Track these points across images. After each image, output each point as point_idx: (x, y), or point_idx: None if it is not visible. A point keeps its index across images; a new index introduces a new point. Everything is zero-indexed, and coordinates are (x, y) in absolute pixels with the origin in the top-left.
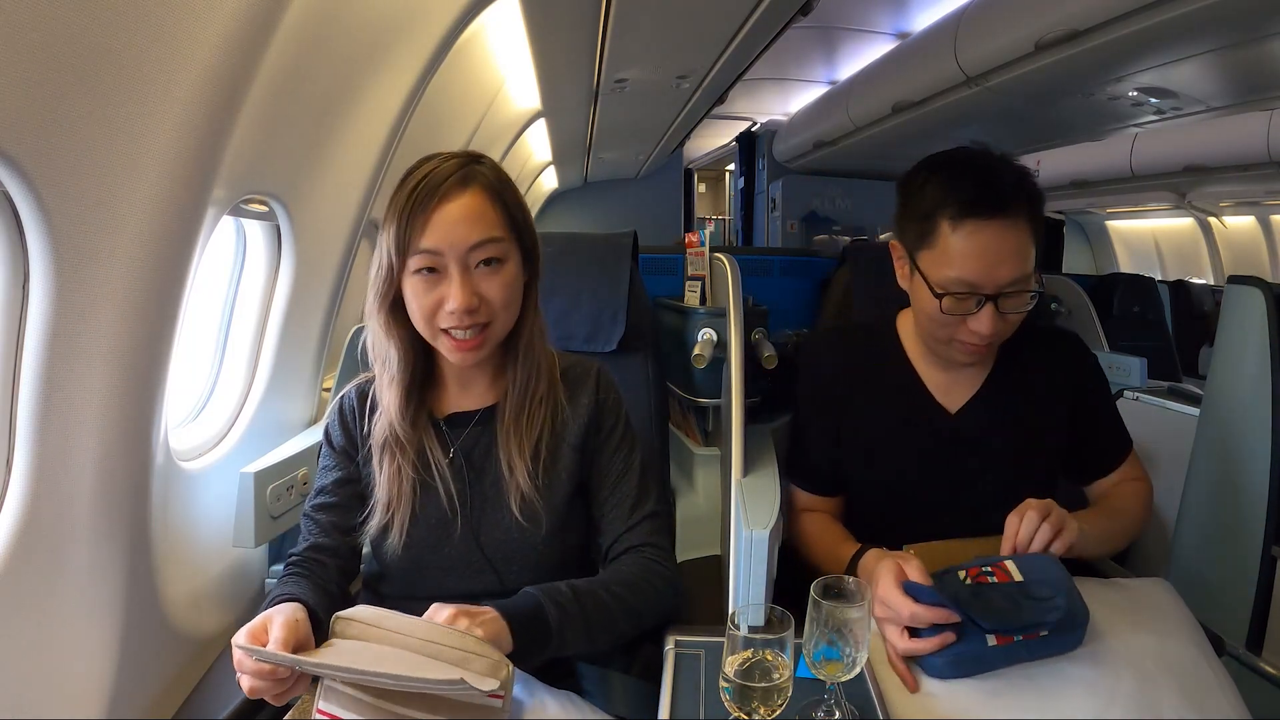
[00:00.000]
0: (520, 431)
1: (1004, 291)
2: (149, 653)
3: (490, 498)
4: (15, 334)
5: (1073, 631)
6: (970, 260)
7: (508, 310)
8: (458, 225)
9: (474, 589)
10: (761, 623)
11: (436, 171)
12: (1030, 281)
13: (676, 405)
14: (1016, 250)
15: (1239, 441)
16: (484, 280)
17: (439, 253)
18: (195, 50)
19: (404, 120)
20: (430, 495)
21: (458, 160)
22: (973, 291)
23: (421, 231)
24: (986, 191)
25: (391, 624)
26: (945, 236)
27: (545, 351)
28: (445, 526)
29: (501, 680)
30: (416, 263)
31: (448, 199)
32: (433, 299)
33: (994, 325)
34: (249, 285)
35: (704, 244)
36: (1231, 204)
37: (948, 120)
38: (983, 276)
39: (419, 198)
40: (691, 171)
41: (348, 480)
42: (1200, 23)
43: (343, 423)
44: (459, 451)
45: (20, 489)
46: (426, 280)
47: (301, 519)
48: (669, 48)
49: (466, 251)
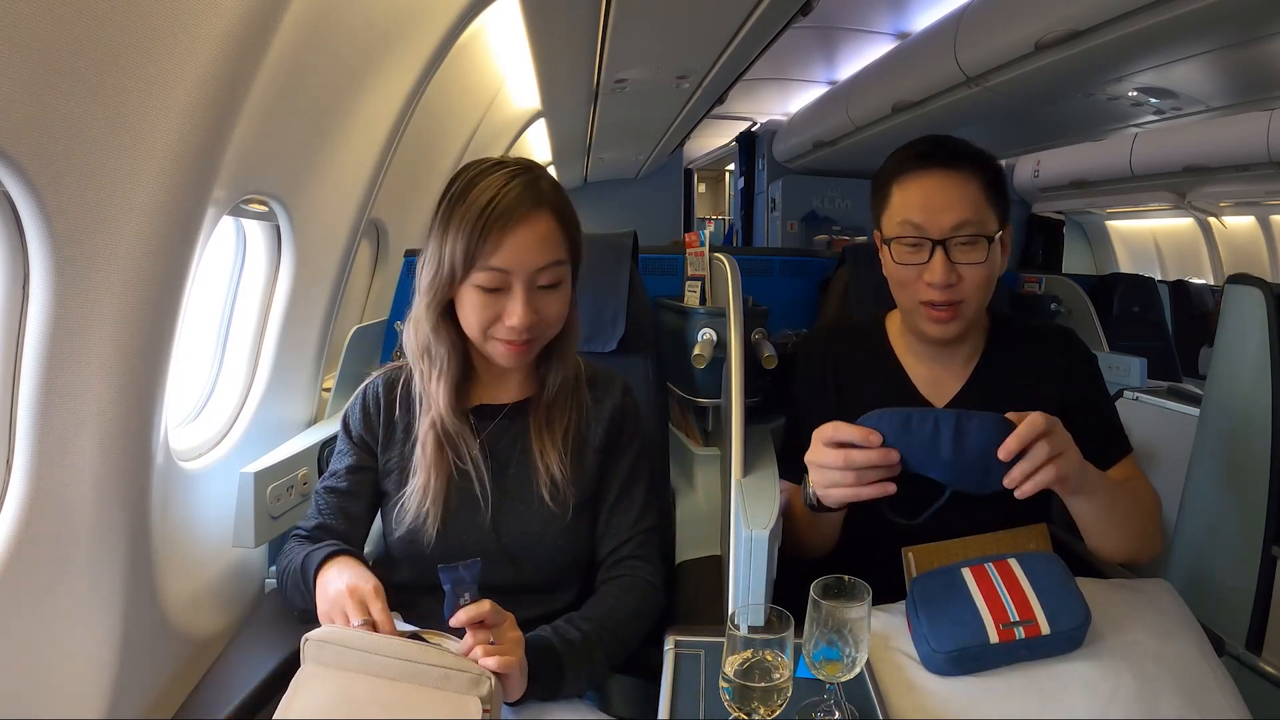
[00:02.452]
0: (553, 422)
1: (952, 238)
2: (149, 653)
3: (511, 491)
4: (15, 334)
5: (1071, 630)
6: (913, 205)
7: (559, 324)
8: (530, 248)
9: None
10: (761, 623)
11: (508, 190)
12: (984, 230)
13: (676, 405)
14: (961, 198)
15: (1239, 441)
16: (543, 300)
17: (507, 271)
18: (195, 50)
19: (404, 120)
20: (463, 483)
21: (524, 178)
22: (920, 236)
23: (495, 251)
24: (930, 148)
25: (367, 644)
26: (895, 194)
27: (574, 352)
28: (472, 515)
29: (483, 696)
30: (482, 279)
31: (523, 222)
32: (492, 313)
33: (946, 274)
34: (249, 285)
35: (704, 244)
36: (1231, 204)
37: (948, 120)
38: (926, 219)
39: (494, 217)
40: (691, 171)
41: (360, 468)
42: (1200, 23)
43: (364, 411)
44: (484, 443)
45: (20, 489)
46: (488, 294)
47: (314, 495)
48: (669, 48)
49: (533, 273)
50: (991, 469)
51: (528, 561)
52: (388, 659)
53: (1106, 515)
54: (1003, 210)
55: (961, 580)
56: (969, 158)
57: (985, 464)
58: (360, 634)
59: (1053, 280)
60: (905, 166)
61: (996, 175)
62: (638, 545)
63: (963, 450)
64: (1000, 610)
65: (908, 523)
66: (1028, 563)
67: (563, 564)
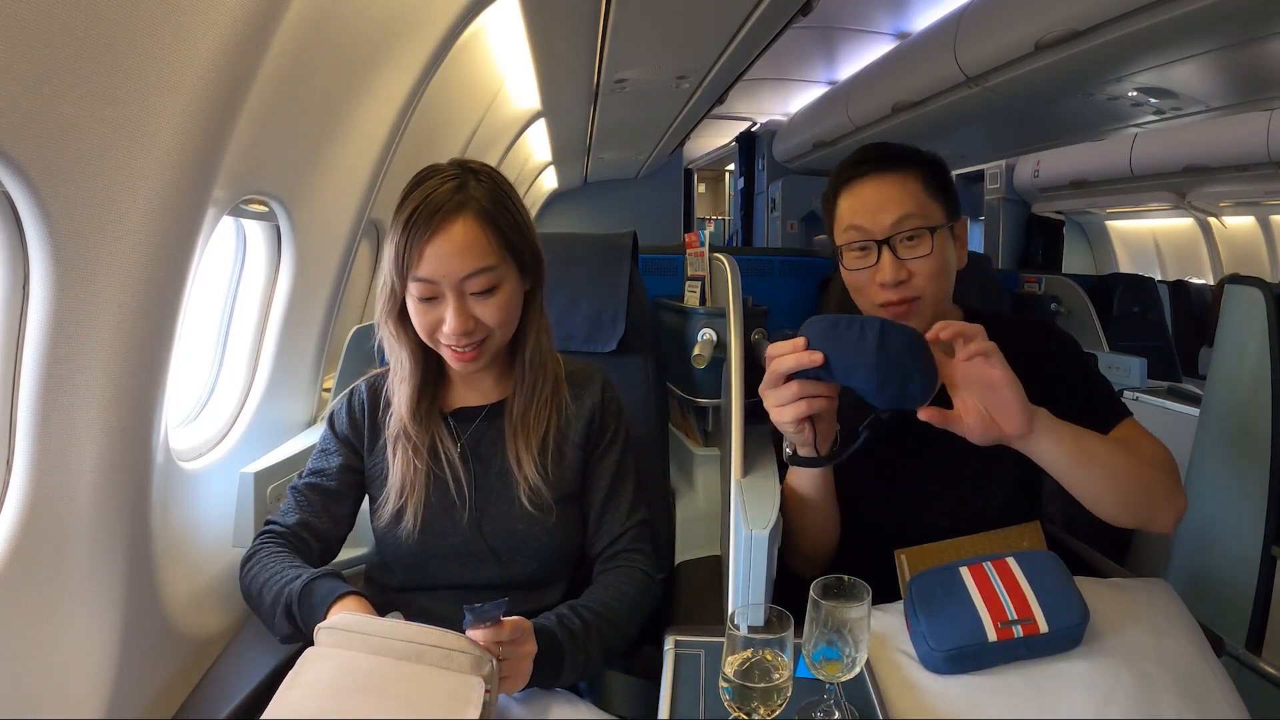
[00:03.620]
0: (528, 428)
1: (895, 235)
2: (149, 653)
3: (495, 489)
4: (15, 334)
5: (1069, 629)
6: (857, 210)
7: (504, 327)
8: (450, 258)
9: (477, 579)
10: (761, 623)
11: (433, 196)
12: (927, 221)
13: (676, 405)
14: (900, 195)
15: (1239, 442)
16: (479, 305)
17: (434, 281)
18: (195, 50)
19: (404, 120)
20: (439, 485)
21: (453, 183)
22: (866, 239)
23: (418, 261)
24: (866, 154)
25: (373, 628)
26: (840, 204)
27: (551, 353)
28: (451, 515)
29: (485, 676)
30: (414, 289)
31: (440, 230)
32: (431, 320)
33: (895, 271)
34: (249, 285)
35: (704, 244)
36: (1231, 204)
37: (947, 120)
38: (868, 220)
39: (415, 226)
40: (691, 171)
41: (346, 468)
42: (1200, 23)
43: (350, 412)
44: (465, 444)
45: (20, 489)
46: (425, 303)
47: (290, 492)
48: (669, 48)
49: (459, 281)
50: (912, 377)
51: (514, 559)
52: (392, 640)
53: (1085, 462)
54: (949, 203)
55: (960, 579)
56: (905, 158)
57: (905, 369)
58: (367, 618)
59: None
60: (845, 175)
61: (937, 169)
62: (631, 539)
63: (885, 352)
64: (998, 609)
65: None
66: (1026, 561)
67: (549, 561)
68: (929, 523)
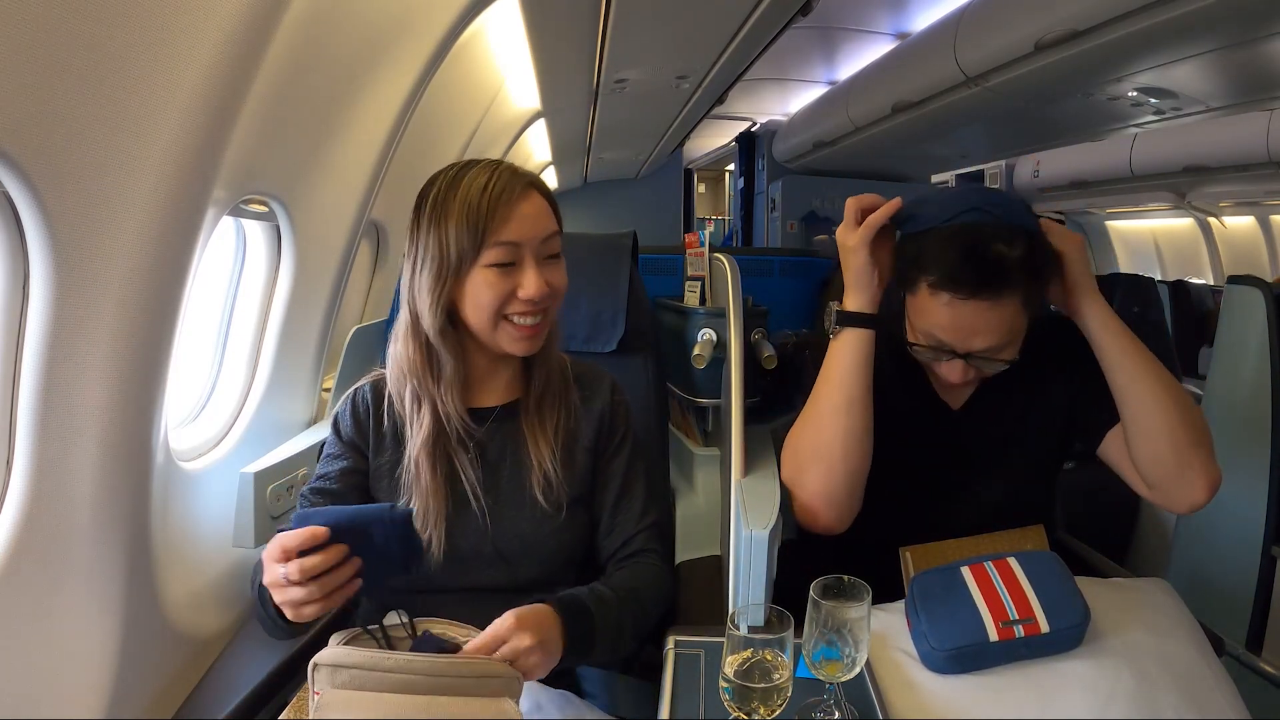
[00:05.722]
0: (545, 422)
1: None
2: (149, 653)
3: (505, 492)
4: (15, 334)
5: (1070, 628)
6: (943, 327)
7: (561, 300)
8: (536, 220)
9: (484, 582)
10: (761, 623)
11: (499, 175)
12: (1009, 350)
13: (676, 405)
14: (995, 325)
15: (1239, 442)
16: (550, 271)
17: (518, 244)
18: (195, 50)
19: (404, 120)
20: (456, 494)
21: (506, 167)
22: (948, 353)
23: (504, 225)
24: (969, 271)
25: (389, 665)
26: (924, 295)
27: (559, 353)
28: (467, 523)
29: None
30: (494, 255)
31: (522, 197)
32: (504, 289)
33: (964, 375)
34: (249, 285)
35: (704, 244)
36: (1231, 204)
37: (948, 120)
38: (954, 341)
39: (496, 196)
40: (691, 172)
41: (353, 471)
42: (1200, 23)
43: (354, 414)
44: (475, 446)
45: (20, 489)
46: (501, 271)
47: (300, 499)
48: (669, 48)
49: (540, 243)
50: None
51: (521, 562)
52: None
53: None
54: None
55: (961, 579)
56: (1012, 281)
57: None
58: (375, 653)
59: None
60: (940, 285)
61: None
62: (645, 539)
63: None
64: (1000, 609)
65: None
66: (1027, 561)
67: (556, 563)
68: (934, 521)
